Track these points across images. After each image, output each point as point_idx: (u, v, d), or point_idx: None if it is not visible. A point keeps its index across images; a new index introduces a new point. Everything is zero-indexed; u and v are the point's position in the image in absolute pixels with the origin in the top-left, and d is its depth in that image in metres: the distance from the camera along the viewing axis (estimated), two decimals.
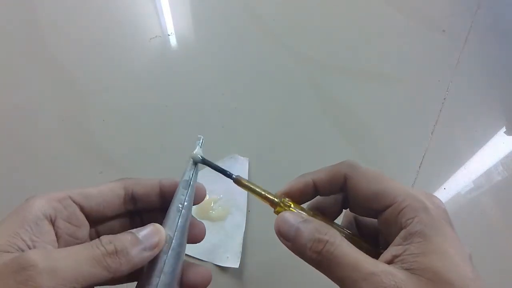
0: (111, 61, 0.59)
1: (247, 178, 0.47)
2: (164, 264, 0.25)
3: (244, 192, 0.47)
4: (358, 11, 0.70)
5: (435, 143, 0.54)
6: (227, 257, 0.42)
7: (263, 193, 0.26)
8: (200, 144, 0.29)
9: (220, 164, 0.50)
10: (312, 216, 0.26)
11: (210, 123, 0.53)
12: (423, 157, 0.52)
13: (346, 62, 0.63)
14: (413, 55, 0.65)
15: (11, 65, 0.58)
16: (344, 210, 0.29)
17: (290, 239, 0.24)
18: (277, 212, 0.26)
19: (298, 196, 0.27)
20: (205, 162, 0.27)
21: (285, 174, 0.50)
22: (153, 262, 0.24)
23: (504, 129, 0.57)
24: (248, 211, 0.46)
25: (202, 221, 0.44)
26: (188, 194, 0.27)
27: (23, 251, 0.21)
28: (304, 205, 0.28)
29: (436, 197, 0.24)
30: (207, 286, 0.28)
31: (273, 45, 0.64)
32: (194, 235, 0.28)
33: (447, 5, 0.71)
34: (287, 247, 0.24)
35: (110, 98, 0.55)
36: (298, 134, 0.54)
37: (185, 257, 0.34)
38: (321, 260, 0.22)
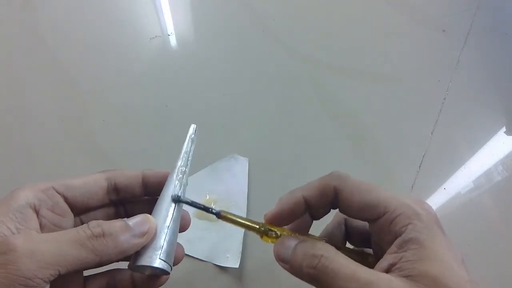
0: (111, 61, 0.59)
1: (247, 178, 0.48)
2: (166, 234, 0.25)
3: (244, 192, 0.47)
4: (358, 11, 0.70)
5: (435, 143, 0.54)
6: (227, 257, 0.42)
7: (247, 224, 0.27)
8: (194, 133, 0.30)
9: (221, 164, 0.50)
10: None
11: (210, 123, 0.53)
12: (423, 157, 0.52)
13: (346, 62, 0.63)
14: (413, 55, 0.65)
15: (11, 65, 0.58)
16: (333, 210, 0.29)
17: (287, 261, 0.24)
18: (264, 240, 0.27)
19: (290, 215, 0.27)
20: (181, 201, 0.27)
21: (285, 174, 0.50)
22: (155, 234, 0.25)
23: (504, 129, 0.57)
24: (248, 211, 0.46)
25: (202, 221, 0.44)
26: (186, 172, 0.28)
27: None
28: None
29: (425, 202, 0.24)
30: (179, 262, 0.28)
31: (273, 45, 0.64)
32: (181, 223, 0.29)
33: (447, 5, 0.71)
34: (287, 270, 0.25)
35: (110, 98, 0.55)
36: (298, 134, 0.54)
37: (184, 256, 0.33)
38: (317, 274, 0.22)
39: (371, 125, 0.55)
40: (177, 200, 0.27)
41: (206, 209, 0.27)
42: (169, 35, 0.63)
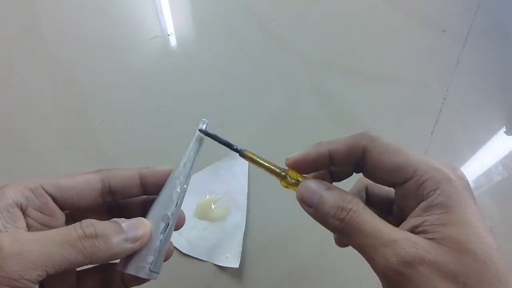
0: (111, 61, 0.59)
1: (247, 178, 0.48)
2: (160, 243, 0.24)
3: (244, 192, 0.47)
4: (358, 11, 0.70)
5: (435, 143, 0.54)
6: (227, 257, 0.42)
7: (269, 166, 0.27)
8: (205, 128, 0.30)
9: (221, 164, 0.50)
10: None
11: (210, 123, 0.53)
12: None
13: (346, 62, 0.63)
14: (413, 55, 0.65)
15: (11, 65, 0.58)
16: (355, 174, 0.28)
17: (313, 206, 0.24)
18: (284, 185, 0.26)
19: (311, 166, 0.26)
20: (208, 134, 0.27)
21: None
22: (149, 240, 0.24)
23: (504, 129, 0.57)
24: (248, 211, 0.46)
25: (202, 221, 0.44)
26: (188, 175, 0.27)
27: None
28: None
29: (459, 169, 0.23)
30: (168, 259, 0.28)
31: (273, 45, 0.64)
32: (176, 222, 0.28)
33: (447, 5, 0.71)
34: (309, 213, 0.24)
35: (110, 98, 0.55)
36: (298, 134, 0.54)
37: (183, 256, 0.33)
38: (343, 227, 0.22)
39: (371, 125, 0.55)
40: (203, 132, 0.27)
41: (229, 145, 0.27)
42: (169, 35, 0.63)
